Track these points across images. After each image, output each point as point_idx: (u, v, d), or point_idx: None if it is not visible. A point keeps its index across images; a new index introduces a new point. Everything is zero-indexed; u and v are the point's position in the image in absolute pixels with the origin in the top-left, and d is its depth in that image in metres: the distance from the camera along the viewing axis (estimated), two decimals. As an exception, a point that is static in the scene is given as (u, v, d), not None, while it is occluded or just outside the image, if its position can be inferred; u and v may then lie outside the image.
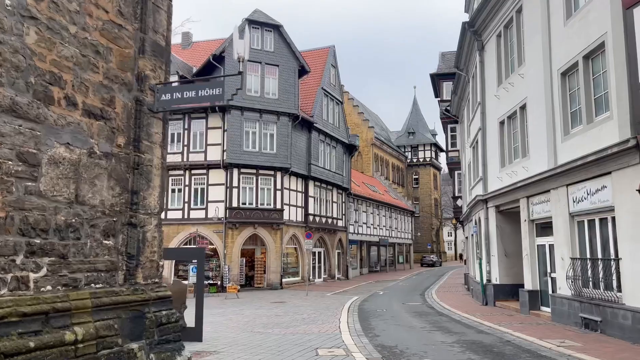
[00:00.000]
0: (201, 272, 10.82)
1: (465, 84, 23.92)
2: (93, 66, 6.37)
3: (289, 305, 20.39)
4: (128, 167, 6.91)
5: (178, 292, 11.43)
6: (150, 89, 7.40)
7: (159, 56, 7.64)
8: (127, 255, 6.77)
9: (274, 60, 30.29)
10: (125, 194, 6.91)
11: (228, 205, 28.66)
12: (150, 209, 7.44)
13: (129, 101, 7.03)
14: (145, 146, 7.28)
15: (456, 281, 34.88)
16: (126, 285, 6.67)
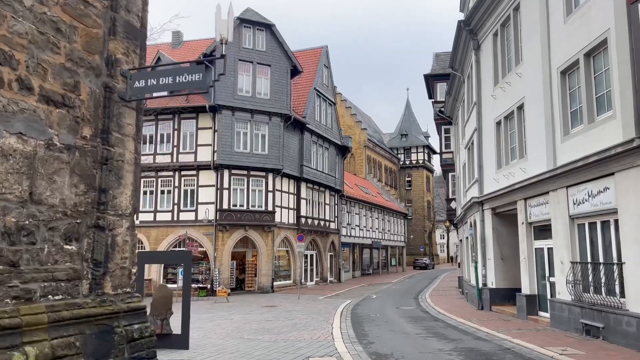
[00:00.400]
0: (188, 276, 10.28)
1: (460, 85, 23.58)
2: (53, 46, 5.62)
3: (280, 309, 19.87)
4: (95, 162, 6.21)
5: (164, 297, 10.91)
6: (122, 75, 6.69)
7: (132, 39, 6.90)
8: (93, 262, 6.04)
9: (266, 60, 29.80)
10: (92, 193, 6.19)
11: (218, 207, 28.10)
12: (121, 210, 6.71)
13: (96, 88, 6.30)
14: (116, 139, 6.56)
15: (449, 284, 34.53)
16: (91, 297, 5.95)
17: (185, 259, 10.12)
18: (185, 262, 10.32)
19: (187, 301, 10.21)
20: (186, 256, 9.99)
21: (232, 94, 28.61)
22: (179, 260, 10.50)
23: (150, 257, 10.59)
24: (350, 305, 21.29)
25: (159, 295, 10.87)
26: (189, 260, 10.25)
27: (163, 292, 10.94)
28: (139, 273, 10.72)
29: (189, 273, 10.29)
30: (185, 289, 10.38)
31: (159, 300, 10.78)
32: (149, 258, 10.52)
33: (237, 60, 28.92)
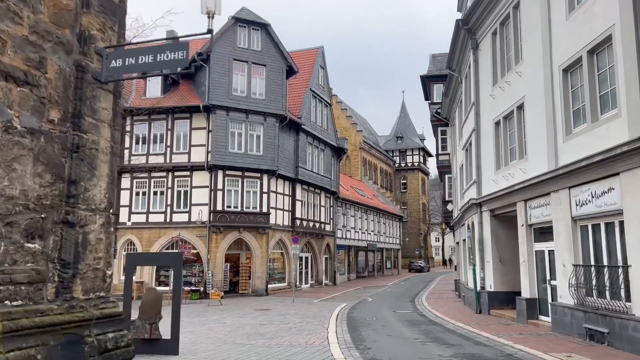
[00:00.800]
0: (178, 279, 9.86)
1: (457, 85, 23.30)
2: (14, 15, 4.97)
3: (274, 313, 19.45)
4: (64, 150, 5.53)
5: (153, 300, 10.48)
6: (97, 53, 6.04)
7: (109, 14, 6.25)
8: (61, 263, 5.36)
9: (261, 59, 29.43)
10: (60, 184, 5.50)
11: (212, 209, 27.66)
12: (95, 204, 6.06)
13: (67, 66, 5.62)
14: (89, 124, 5.88)
15: (445, 287, 34.21)
16: (58, 302, 5.27)
17: (175, 261, 9.69)
18: (176, 264, 9.89)
19: (177, 305, 9.78)
20: (177, 258, 9.57)
21: (227, 94, 28.21)
22: (169, 263, 10.07)
23: (139, 259, 10.16)
24: (346, 308, 20.90)
25: (147, 299, 10.44)
26: (180, 263, 9.82)
27: (152, 295, 10.51)
28: (128, 276, 10.31)
29: (180, 276, 9.88)
30: (175, 292, 9.95)
31: (148, 304, 10.36)
32: (139, 260, 10.10)
33: (232, 59, 28.53)
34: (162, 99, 29.43)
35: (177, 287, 9.96)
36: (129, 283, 10.27)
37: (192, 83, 30.33)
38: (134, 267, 9.72)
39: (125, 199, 29.01)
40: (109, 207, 6.39)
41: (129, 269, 10.16)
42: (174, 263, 9.89)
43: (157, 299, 10.43)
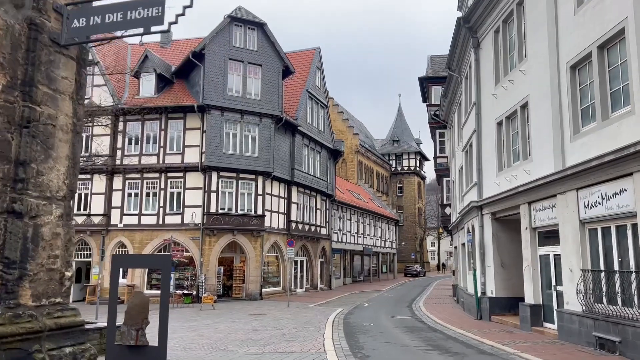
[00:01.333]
0: (166, 282, 9.24)
1: (457, 86, 22.86)
2: None
3: (269, 318, 18.85)
4: (11, 124, 4.62)
5: (139, 305, 9.84)
6: (55, 11, 5.13)
7: None
8: (4, 262, 4.51)
9: (257, 59, 28.90)
10: (4, 165, 4.62)
11: (206, 211, 27.04)
12: (50, 191, 5.15)
13: (16, 22, 4.71)
14: (44, 95, 4.95)
15: (442, 292, 33.69)
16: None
17: (164, 263, 9.11)
18: (164, 266, 9.31)
19: (164, 309, 9.15)
20: (165, 260, 8.99)
21: (222, 94, 27.64)
22: (157, 265, 9.47)
23: (124, 260, 9.54)
24: (342, 313, 20.32)
25: (134, 303, 9.80)
26: (168, 265, 9.23)
27: (139, 299, 9.88)
28: (113, 278, 9.70)
29: (168, 278, 9.26)
30: (163, 295, 9.34)
31: (134, 309, 9.72)
32: (124, 262, 9.47)
33: (227, 59, 27.99)
34: (155, 98, 28.84)
35: (165, 290, 9.32)
36: (114, 286, 9.63)
37: (186, 82, 29.76)
38: (119, 269, 9.11)
39: (117, 200, 28.36)
40: (69, 195, 5.45)
41: (114, 271, 9.56)
42: (162, 265, 9.30)
43: (143, 303, 9.81)
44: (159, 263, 9.38)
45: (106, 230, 28.06)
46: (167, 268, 9.26)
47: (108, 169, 28.07)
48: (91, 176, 28.56)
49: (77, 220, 28.38)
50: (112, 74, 26.24)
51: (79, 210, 28.56)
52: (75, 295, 28.40)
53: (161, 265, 9.64)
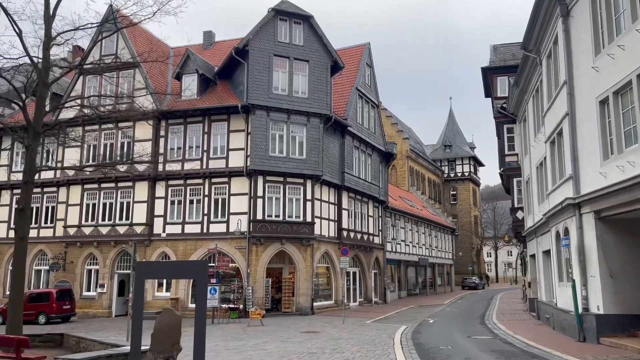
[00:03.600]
0: (202, 296, 7.02)
1: (533, 69, 19.96)
2: None
3: (324, 336, 16.46)
4: None
5: (169, 326, 7.75)
6: None
7: None
8: None
9: (303, 55, 26.95)
10: None
11: (252, 218, 25.11)
12: None
13: None
14: None
15: (513, 307, 30.24)
16: None
17: (199, 271, 6.91)
18: (200, 275, 7.11)
19: (201, 329, 6.91)
20: (199, 268, 6.78)
21: (267, 93, 25.80)
22: (190, 273, 7.32)
23: (151, 269, 7.42)
24: (408, 332, 17.67)
25: (162, 324, 7.73)
26: (205, 273, 7.01)
27: (168, 318, 7.78)
28: (138, 291, 7.62)
29: (204, 291, 7.04)
30: (199, 312, 7.12)
31: (163, 330, 7.65)
32: (150, 270, 7.34)
33: (272, 55, 26.18)
34: (198, 100, 27.38)
35: (202, 306, 7.10)
36: (138, 303, 7.54)
37: (229, 83, 28.16)
38: (144, 279, 6.95)
39: (160, 209, 26.92)
40: None
41: (138, 282, 7.43)
42: (198, 273, 7.07)
43: (174, 324, 7.70)
44: (192, 271, 7.20)
45: (149, 240, 26.62)
46: (203, 277, 7.06)
47: (150, 176, 26.75)
48: (133, 183, 27.32)
49: (119, 230, 27.14)
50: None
51: (120, 220, 27.34)
52: (118, 309, 27.07)
53: (195, 274, 7.43)
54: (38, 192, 29.76)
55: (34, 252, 29.19)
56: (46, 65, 12.99)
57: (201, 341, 6.99)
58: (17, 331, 11.89)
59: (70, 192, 28.51)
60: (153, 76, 28.64)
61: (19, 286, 12.51)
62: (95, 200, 27.98)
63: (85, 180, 28.03)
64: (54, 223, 29.01)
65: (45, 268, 28.96)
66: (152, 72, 28.37)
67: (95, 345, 10.81)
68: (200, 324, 7.01)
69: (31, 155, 13.25)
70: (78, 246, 27.90)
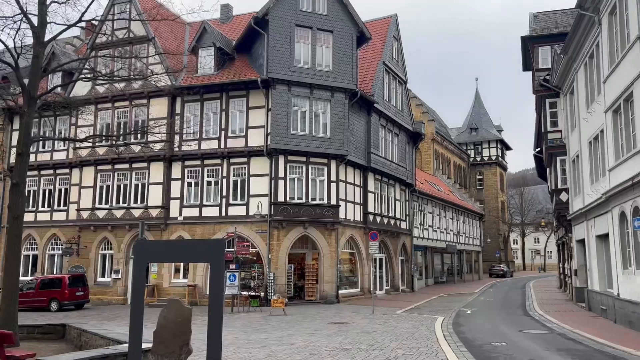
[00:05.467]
0: (218, 283, 5.32)
1: (587, 32, 17.72)
2: None
3: (354, 328, 14.80)
4: None
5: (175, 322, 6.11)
6: None
7: None
8: None
9: (327, 25, 24.98)
10: None
11: (273, 200, 23.47)
12: None
13: None
14: None
15: (551, 296, 28.20)
16: None
17: (213, 252, 5.18)
18: (215, 258, 5.40)
19: (217, 323, 5.20)
20: (215, 249, 5.06)
21: (289, 66, 23.96)
22: (203, 256, 5.57)
23: (154, 250, 5.76)
24: (447, 324, 15.90)
25: (168, 320, 6.08)
26: (221, 254, 5.31)
27: (175, 312, 6.11)
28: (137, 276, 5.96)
29: (221, 275, 5.36)
30: (214, 303, 5.43)
31: (168, 328, 6.01)
32: (153, 252, 5.64)
33: (294, 25, 24.28)
34: (215, 75, 25.70)
35: (217, 296, 5.40)
36: (138, 291, 5.94)
37: (249, 57, 26.37)
38: (146, 262, 5.25)
39: (177, 191, 25.46)
40: None
41: (137, 265, 5.77)
42: (213, 256, 5.33)
43: (183, 320, 6.03)
44: (205, 253, 5.43)
45: (165, 224, 25.22)
46: (219, 261, 5.33)
47: (165, 156, 25.29)
48: (148, 164, 25.89)
49: (134, 213, 25.81)
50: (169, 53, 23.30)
51: (135, 203, 26.00)
52: (133, 295, 25.82)
53: (210, 256, 5.71)
54: (50, 174, 28.64)
55: (47, 236, 28.13)
56: (42, 20, 11.40)
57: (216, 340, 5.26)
58: (12, 322, 10.46)
59: (83, 173, 27.25)
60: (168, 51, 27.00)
61: (13, 272, 11.08)
62: (109, 182, 26.67)
63: (99, 161, 26.73)
64: (67, 206, 27.84)
65: (58, 253, 27.87)
66: (167, 46, 26.78)
67: (97, 340, 9.31)
68: (216, 318, 5.27)
69: (26, 123, 11.69)
70: (92, 230, 26.69)
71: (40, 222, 28.36)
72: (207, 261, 5.23)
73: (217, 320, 5.12)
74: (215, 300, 5.13)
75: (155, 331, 6.15)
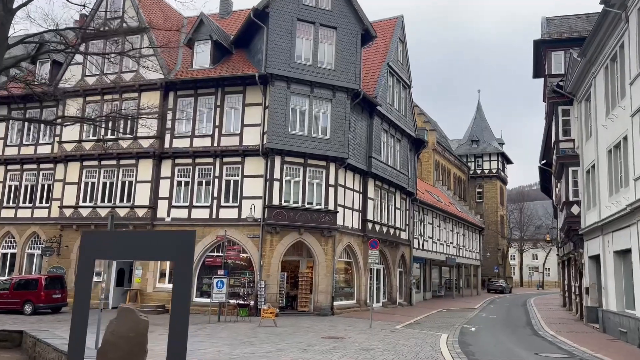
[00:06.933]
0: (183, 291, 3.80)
1: (612, 31, 16.51)
2: None
3: (351, 344, 13.35)
4: None
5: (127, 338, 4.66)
6: None
7: None
8: None
9: (331, 21, 23.78)
10: None
11: (267, 203, 22.06)
12: None
13: None
14: None
15: (556, 314, 26.80)
16: None
17: (180, 247, 3.55)
18: (182, 256, 3.83)
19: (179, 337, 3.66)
20: (181, 244, 3.42)
21: (288, 62, 22.69)
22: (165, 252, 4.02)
23: (105, 243, 4.15)
24: (453, 343, 14.46)
25: (118, 334, 4.65)
26: (189, 253, 3.79)
27: (128, 324, 4.68)
28: (84, 277, 4.52)
29: (188, 281, 3.86)
30: (176, 315, 3.80)
31: (118, 345, 4.58)
32: (103, 245, 3.98)
33: (296, 19, 23.06)
34: (211, 69, 24.39)
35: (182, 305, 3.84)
36: (83, 291, 4.43)
37: (247, 52, 25.12)
38: (92, 259, 3.64)
39: (165, 190, 24.03)
40: None
41: (83, 262, 4.18)
42: (178, 252, 3.73)
43: (137, 334, 4.60)
44: (169, 248, 3.79)
45: (151, 225, 23.73)
46: (186, 258, 3.89)
47: (155, 153, 23.90)
48: (136, 161, 24.48)
49: (119, 212, 24.31)
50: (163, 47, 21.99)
51: (121, 201, 24.53)
52: (115, 300, 24.21)
53: (174, 252, 4.16)
54: (33, 169, 27.15)
55: (27, 233, 26.58)
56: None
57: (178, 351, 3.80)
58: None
59: (68, 169, 25.78)
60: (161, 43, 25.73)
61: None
62: (95, 178, 25.21)
63: (84, 157, 25.29)
64: (50, 203, 26.31)
65: (38, 252, 26.28)
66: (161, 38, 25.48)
67: (50, 352, 7.84)
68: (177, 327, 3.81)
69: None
70: (74, 229, 25.14)
71: (20, 219, 26.83)
72: (172, 259, 3.80)
73: (179, 340, 3.67)
74: (178, 312, 3.68)
75: (99, 350, 4.72)
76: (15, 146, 27.62)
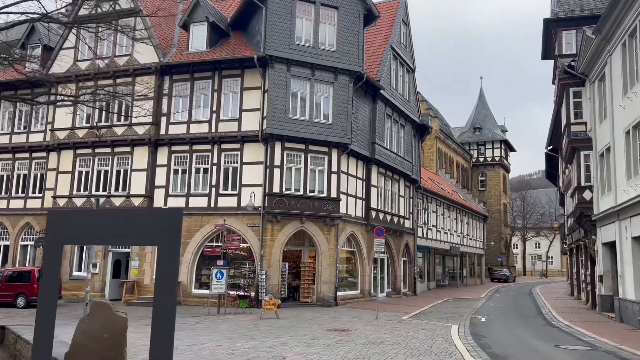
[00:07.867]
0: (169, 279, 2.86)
1: (631, 3, 15.57)
2: None
3: (358, 337, 12.58)
4: None
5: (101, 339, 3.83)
6: None
7: None
8: None
9: (332, 0, 22.76)
10: None
11: (267, 191, 21.22)
12: None
13: None
14: None
15: (565, 303, 26.12)
16: None
17: (163, 229, 2.53)
18: (165, 239, 2.80)
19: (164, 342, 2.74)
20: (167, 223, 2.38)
21: (288, 43, 21.72)
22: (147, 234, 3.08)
23: (75, 225, 3.12)
24: (465, 334, 13.70)
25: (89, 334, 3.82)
26: (176, 235, 2.80)
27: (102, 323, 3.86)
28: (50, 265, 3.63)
29: (174, 268, 2.88)
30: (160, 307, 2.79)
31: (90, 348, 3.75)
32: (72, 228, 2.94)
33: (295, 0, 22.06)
34: (207, 52, 23.42)
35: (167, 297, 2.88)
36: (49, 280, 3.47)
37: (245, 34, 24.12)
38: (60, 245, 2.64)
39: (162, 179, 23.16)
40: None
41: (49, 248, 3.13)
42: (161, 234, 2.70)
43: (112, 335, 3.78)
44: (151, 230, 2.74)
45: (148, 214, 22.84)
46: (172, 242, 3.01)
47: (150, 140, 23.02)
48: (131, 149, 23.59)
49: (114, 202, 23.50)
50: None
51: (117, 190, 23.69)
52: (112, 293, 23.50)
53: (156, 234, 3.10)
54: (26, 158, 26.27)
55: (20, 224, 25.76)
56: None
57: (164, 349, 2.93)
58: None
59: (61, 157, 24.89)
60: (156, 25, 24.78)
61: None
62: (89, 167, 24.34)
63: (78, 145, 24.39)
64: (43, 193, 25.47)
65: (31, 243, 25.49)
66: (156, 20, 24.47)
67: (29, 350, 7.04)
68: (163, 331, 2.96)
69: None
70: (68, 219, 24.28)
71: (13, 209, 26.00)
72: (154, 243, 2.92)
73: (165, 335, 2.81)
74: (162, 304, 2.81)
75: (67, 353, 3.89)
76: (6, 134, 26.71)
